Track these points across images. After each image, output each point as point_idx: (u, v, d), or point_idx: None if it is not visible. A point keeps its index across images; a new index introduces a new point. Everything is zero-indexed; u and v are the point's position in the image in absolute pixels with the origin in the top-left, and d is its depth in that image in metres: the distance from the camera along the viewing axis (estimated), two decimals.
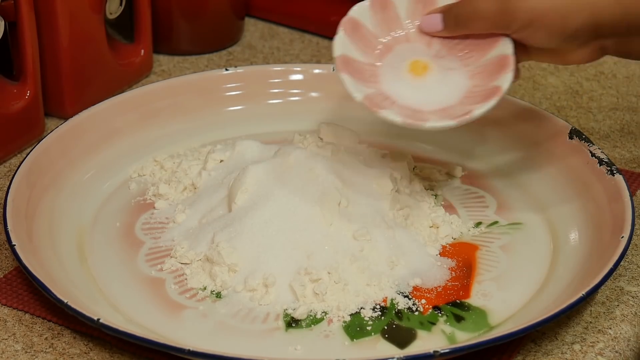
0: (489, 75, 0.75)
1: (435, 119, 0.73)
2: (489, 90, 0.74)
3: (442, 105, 0.75)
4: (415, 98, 0.75)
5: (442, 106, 0.75)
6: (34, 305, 0.73)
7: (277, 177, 0.78)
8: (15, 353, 0.69)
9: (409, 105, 0.75)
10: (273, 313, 0.72)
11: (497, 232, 0.81)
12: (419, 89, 0.76)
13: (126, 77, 1.02)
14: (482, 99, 0.74)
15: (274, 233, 0.75)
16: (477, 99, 0.74)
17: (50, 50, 0.93)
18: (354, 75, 0.75)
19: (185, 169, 0.86)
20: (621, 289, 0.76)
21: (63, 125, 0.85)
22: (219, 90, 0.94)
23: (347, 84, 0.74)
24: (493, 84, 0.75)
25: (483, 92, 0.75)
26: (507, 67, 0.75)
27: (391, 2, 0.78)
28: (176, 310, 0.72)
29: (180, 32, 1.09)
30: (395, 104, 0.74)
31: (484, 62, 0.76)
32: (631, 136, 0.95)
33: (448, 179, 0.87)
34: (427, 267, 0.76)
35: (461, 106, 0.74)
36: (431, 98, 0.75)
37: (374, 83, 0.76)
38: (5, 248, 0.79)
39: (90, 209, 0.83)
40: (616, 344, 0.71)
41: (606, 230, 0.76)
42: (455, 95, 0.75)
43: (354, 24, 0.77)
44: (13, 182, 0.78)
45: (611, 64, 1.09)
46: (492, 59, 0.75)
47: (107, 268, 0.76)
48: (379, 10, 0.78)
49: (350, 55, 0.76)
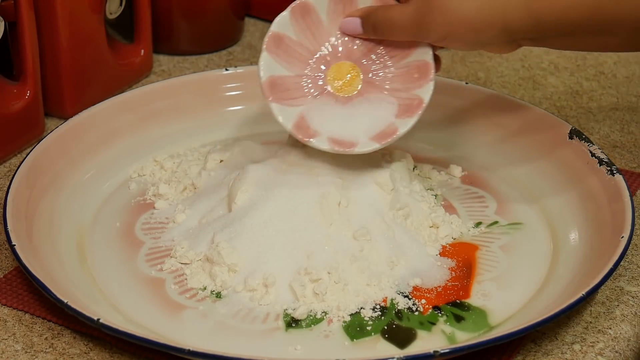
0: (410, 80, 0.78)
1: (362, 143, 0.77)
2: (412, 102, 0.77)
3: (369, 125, 0.78)
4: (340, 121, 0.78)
5: (369, 126, 0.77)
6: (34, 305, 0.73)
7: (277, 177, 0.78)
8: (15, 353, 0.69)
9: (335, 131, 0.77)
10: (273, 313, 0.72)
11: (497, 232, 0.81)
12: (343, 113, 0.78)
13: (126, 77, 1.02)
14: (404, 112, 0.77)
15: (274, 233, 0.75)
16: (400, 112, 0.77)
17: (50, 50, 0.93)
18: (283, 97, 0.77)
19: (185, 169, 0.86)
20: (621, 289, 0.76)
21: (63, 125, 0.85)
22: (219, 90, 0.94)
23: (276, 113, 0.77)
24: (415, 93, 0.77)
25: (405, 101, 0.77)
26: (427, 76, 0.77)
27: (311, 7, 0.79)
28: (176, 310, 0.72)
29: (180, 32, 1.09)
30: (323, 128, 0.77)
31: (405, 64, 0.78)
32: (631, 136, 0.95)
33: (448, 179, 0.87)
34: (427, 267, 0.76)
35: (386, 123, 0.77)
36: (357, 120, 0.78)
37: (302, 98, 0.78)
38: (5, 248, 0.79)
39: (90, 209, 0.83)
40: (616, 344, 0.71)
41: (606, 230, 0.76)
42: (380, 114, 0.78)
43: (277, 39, 0.78)
44: (13, 182, 0.78)
45: (611, 64, 1.09)
46: (412, 62, 0.78)
47: (107, 268, 0.76)
48: (299, 17, 0.78)
49: (277, 74, 0.78)
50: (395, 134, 0.77)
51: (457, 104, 0.92)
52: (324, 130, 0.77)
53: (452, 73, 1.07)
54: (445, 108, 0.92)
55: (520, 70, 1.08)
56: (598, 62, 1.10)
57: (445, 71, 1.07)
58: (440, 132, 0.91)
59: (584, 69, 1.08)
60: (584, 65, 1.09)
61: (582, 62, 1.10)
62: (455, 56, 1.11)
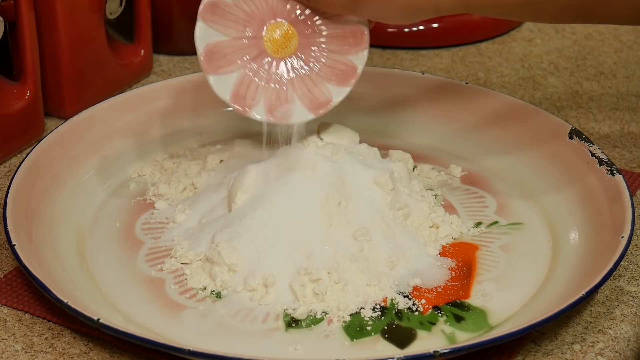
0: (345, 43, 0.79)
1: (297, 112, 0.78)
2: (346, 68, 0.79)
3: (304, 90, 0.79)
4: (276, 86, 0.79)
5: (304, 90, 0.79)
6: (34, 305, 0.73)
7: (277, 177, 0.78)
8: (15, 353, 0.69)
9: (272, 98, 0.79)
10: (273, 313, 0.72)
11: (497, 232, 0.81)
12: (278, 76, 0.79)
13: (126, 77, 1.02)
14: (338, 78, 0.79)
15: (273, 233, 0.75)
16: (334, 77, 0.79)
17: (50, 50, 0.93)
18: (220, 65, 0.78)
19: (185, 169, 0.86)
20: (621, 289, 0.76)
21: (63, 125, 0.85)
22: None
23: (214, 87, 0.78)
24: (349, 59, 0.79)
25: (340, 65, 0.79)
26: (362, 44, 0.79)
27: None
28: (176, 310, 0.72)
29: (180, 32, 1.09)
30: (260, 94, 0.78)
31: (340, 27, 0.79)
32: (631, 136, 0.95)
33: (448, 179, 0.87)
34: (427, 267, 0.76)
35: (320, 88, 0.79)
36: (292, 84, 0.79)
37: (239, 62, 0.78)
38: (5, 248, 0.79)
39: (90, 209, 0.83)
40: (616, 344, 0.71)
41: (606, 230, 0.76)
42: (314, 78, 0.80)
43: (212, 6, 0.78)
44: (13, 182, 0.78)
45: (611, 64, 1.09)
46: (347, 27, 0.79)
47: (107, 268, 0.76)
48: None
49: (212, 42, 0.78)
50: (330, 103, 0.79)
51: (457, 104, 0.92)
52: (261, 98, 0.78)
53: (452, 73, 1.07)
54: (445, 108, 0.92)
55: (520, 70, 1.08)
56: (598, 62, 1.10)
57: (445, 71, 1.08)
58: (440, 132, 0.91)
59: (584, 69, 1.08)
60: (584, 65, 1.09)
61: (582, 62, 1.10)
62: (455, 56, 1.11)
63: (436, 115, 0.92)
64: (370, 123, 0.92)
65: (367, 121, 0.92)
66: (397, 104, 0.93)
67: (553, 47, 1.14)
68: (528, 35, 1.16)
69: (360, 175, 0.79)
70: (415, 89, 0.93)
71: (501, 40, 1.15)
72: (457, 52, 1.12)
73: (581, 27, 1.18)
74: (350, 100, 0.81)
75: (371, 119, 0.93)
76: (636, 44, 1.14)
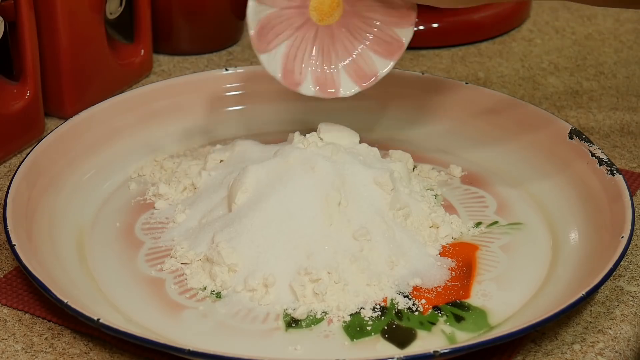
0: (391, 14, 0.79)
1: (344, 84, 0.79)
2: (392, 40, 0.78)
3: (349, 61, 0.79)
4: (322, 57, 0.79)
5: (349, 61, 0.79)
6: (34, 305, 0.73)
7: (277, 177, 0.78)
8: (15, 353, 0.69)
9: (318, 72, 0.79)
10: (273, 313, 0.72)
11: (497, 232, 0.81)
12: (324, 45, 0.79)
13: (126, 77, 1.02)
14: (383, 49, 0.79)
15: (273, 233, 0.75)
16: (379, 48, 0.79)
17: (50, 50, 0.93)
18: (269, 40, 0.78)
19: (185, 169, 0.86)
20: (621, 289, 0.76)
21: (63, 125, 0.85)
22: (219, 90, 0.94)
23: (265, 66, 0.79)
24: (395, 31, 0.79)
25: (385, 37, 0.78)
26: (409, 19, 0.79)
27: None
28: (176, 310, 0.72)
29: (180, 32, 1.09)
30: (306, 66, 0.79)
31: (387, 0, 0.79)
32: (631, 136, 0.95)
33: (448, 179, 0.87)
34: (427, 267, 0.76)
35: (365, 58, 0.79)
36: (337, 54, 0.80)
37: (286, 32, 0.79)
38: (5, 248, 0.79)
39: (90, 209, 0.83)
40: (616, 344, 0.71)
41: (606, 230, 0.76)
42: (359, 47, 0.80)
43: None
44: (13, 182, 0.78)
45: (611, 64, 1.09)
46: (395, 1, 0.79)
47: (107, 268, 0.76)
48: None
49: (262, 16, 0.78)
50: (375, 75, 0.79)
51: (457, 104, 0.92)
52: (308, 71, 0.79)
53: (452, 73, 1.07)
54: (445, 108, 0.92)
55: (520, 70, 1.08)
56: (598, 62, 1.10)
57: (445, 71, 1.08)
58: (440, 132, 0.92)
59: (584, 69, 1.08)
60: (584, 65, 1.09)
61: (582, 62, 1.10)
62: (455, 56, 1.11)
63: (436, 115, 0.92)
64: (370, 123, 0.92)
65: (367, 121, 0.92)
66: (397, 104, 0.93)
67: (553, 47, 1.14)
68: (528, 35, 1.16)
69: (360, 175, 0.79)
70: (415, 89, 0.93)
71: (501, 40, 1.15)
72: (457, 52, 1.12)
73: (581, 27, 1.18)
74: (350, 100, 0.81)
75: (371, 119, 0.93)
76: (636, 44, 1.14)
